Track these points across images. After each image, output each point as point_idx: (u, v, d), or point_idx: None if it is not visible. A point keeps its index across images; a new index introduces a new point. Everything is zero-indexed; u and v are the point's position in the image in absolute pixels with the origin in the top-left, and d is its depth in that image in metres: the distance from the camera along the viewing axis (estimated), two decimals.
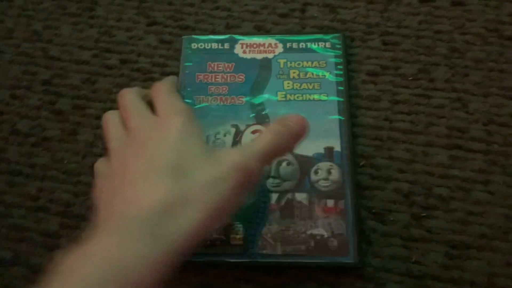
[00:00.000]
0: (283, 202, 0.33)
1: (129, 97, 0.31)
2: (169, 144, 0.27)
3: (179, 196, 0.24)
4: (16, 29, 0.43)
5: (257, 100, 0.36)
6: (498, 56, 0.38)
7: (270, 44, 0.38)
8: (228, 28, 0.42)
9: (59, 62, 0.41)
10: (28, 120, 0.39)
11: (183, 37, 0.40)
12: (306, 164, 0.34)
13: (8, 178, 0.37)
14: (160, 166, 0.26)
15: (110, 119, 0.31)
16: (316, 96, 0.36)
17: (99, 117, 0.38)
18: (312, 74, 0.37)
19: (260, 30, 0.41)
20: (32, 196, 0.36)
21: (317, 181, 0.33)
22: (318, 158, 0.34)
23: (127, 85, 0.40)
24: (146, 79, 0.40)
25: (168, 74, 0.40)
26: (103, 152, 0.37)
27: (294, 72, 0.37)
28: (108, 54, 0.41)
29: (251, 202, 0.33)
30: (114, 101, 0.39)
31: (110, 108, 0.38)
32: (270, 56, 0.38)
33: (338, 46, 0.38)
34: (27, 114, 0.39)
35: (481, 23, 0.40)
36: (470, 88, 0.37)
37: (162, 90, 0.31)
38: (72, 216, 0.35)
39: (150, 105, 0.31)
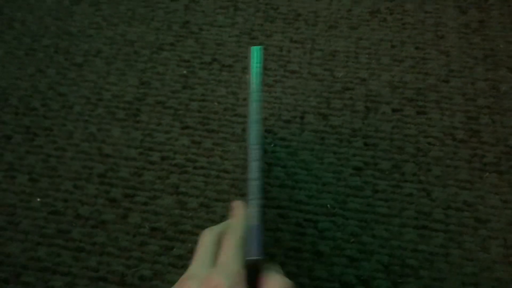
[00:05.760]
0: None
1: (204, 239, 0.33)
2: None
3: None
4: (75, 131, 0.55)
5: None
6: (453, 155, 0.50)
7: None
8: (244, 131, 0.53)
9: (111, 159, 0.53)
10: (88, 206, 0.50)
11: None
12: None
13: (73, 254, 0.47)
14: None
15: (204, 240, 0.33)
16: None
17: (145, 203, 0.49)
18: None
19: (270, 132, 0.53)
20: (93, 268, 0.46)
21: None
22: None
23: (167, 178, 0.50)
24: (182, 172, 0.51)
25: (199, 168, 0.51)
26: (150, 231, 0.47)
27: None
28: (151, 152, 0.53)
29: None
30: (158, 190, 0.50)
31: (154, 196, 0.49)
32: None
33: None
34: (87, 201, 0.50)
35: (439, 128, 0.52)
36: (432, 180, 0.49)
37: (231, 240, 0.32)
38: (126, 285, 0.45)
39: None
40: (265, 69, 0.58)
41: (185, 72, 0.58)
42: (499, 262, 0.44)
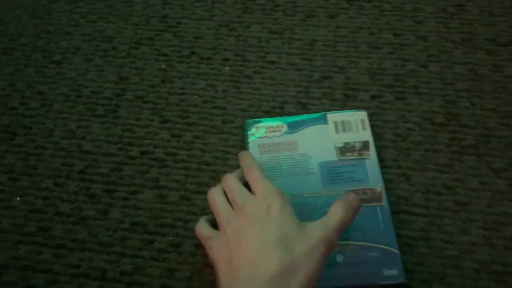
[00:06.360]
0: None
1: (232, 181, 0.41)
2: (274, 221, 0.36)
3: (288, 265, 0.33)
4: (55, 129, 0.55)
5: None
6: (432, 139, 0.50)
7: None
8: (224, 123, 0.53)
9: (91, 155, 0.52)
10: (68, 203, 0.49)
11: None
12: None
13: (54, 251, 0.46)
14: (271, 239, 0.35)
15: (217, 196, 0.41)
16: None
17: (126, 199, 0.49)
18: None
19: None
20: (74, 265, 0.46)
21: None
22: None
23: (147, 172, 0.50)
24: (162, 166, 0.51)
25: (179, 162, 0.51)
26: (131, 226, 0.47)
27: None
28: (130, 147, 0.52)
29: None
30: (138, 185, 0.50)
31: (134, 191, 0.49)
32: None
33: None
34: (67, 198, 0.50)
35: (418, 113, 0.52)
36: (411, 165, 0.49)
37: (255, 174, 0.41)
38: (108, 280, 0.44)
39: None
40: (244, 60, 0.58)
41: (163, 66, 0.58)
42: (480, 244, 0.44)
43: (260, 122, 0.51)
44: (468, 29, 0.57)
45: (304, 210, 0.45)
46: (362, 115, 0.50)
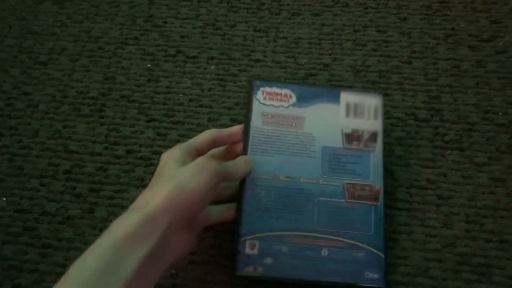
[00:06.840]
0: None
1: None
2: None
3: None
4: (40, 129, 0.55)
5: None
6: (415, 135, 0.51)
7: None
8: (210, 121, 0.53)
9: (77, 155, 0.52)
10: (54, 203, 0.50)
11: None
12: None
13: (40, 251, 0.47)
14: None
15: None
16: None
17: (112, 197, 0.49)
18: None
19: (235, 122, 0.53)
20: (60, 264, 0.46)
21: None
22: None
23: (133, 171, 0.50)
24: (147, 165, 0.51)
25: None
26: None
27: None
28: (116, 146, 0.53)
29: None
30: (123, 184, 0.50)
31: (120, 190, 0.49)
32: None
33: None
34: (53, 198, 0.50)
35: (401, 109, 0.52)
36: (395, 160, 0.49)
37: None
38: None
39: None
40: (229, 59, 0.58)
41: (149, 65, 0.58)
42: (462, 237, 0.45)
43: (267, 86, 0.47)
44: (451, 25, 0.58)
45: (298, 196, 0.43)
46: (378, 99, 0.47)
